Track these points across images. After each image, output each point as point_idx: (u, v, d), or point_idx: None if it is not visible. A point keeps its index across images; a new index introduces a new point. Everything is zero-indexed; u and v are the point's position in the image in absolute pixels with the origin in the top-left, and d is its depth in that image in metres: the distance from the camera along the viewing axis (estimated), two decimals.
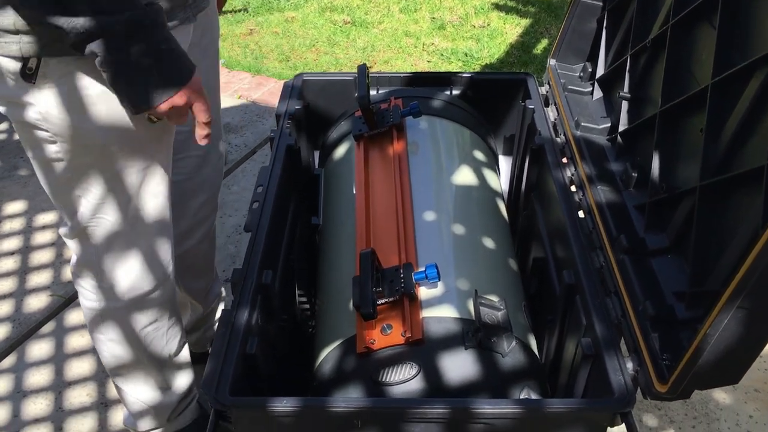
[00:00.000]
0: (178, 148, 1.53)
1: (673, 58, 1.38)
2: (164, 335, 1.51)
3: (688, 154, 1.30)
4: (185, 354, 1.62)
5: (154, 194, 1.33)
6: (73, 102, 1.15)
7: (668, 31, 1.39)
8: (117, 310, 1.43)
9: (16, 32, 1.08)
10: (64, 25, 1.00)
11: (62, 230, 1.37)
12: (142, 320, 1.45)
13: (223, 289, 1.97)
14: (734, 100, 1.15)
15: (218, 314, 1.93)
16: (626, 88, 1.57)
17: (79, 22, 1.00)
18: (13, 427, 1.90)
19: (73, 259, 1.41)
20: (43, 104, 1.15)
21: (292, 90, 1.82)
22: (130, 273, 1.38)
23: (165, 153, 1.32)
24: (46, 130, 1.18)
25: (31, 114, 1.16)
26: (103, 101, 1.17)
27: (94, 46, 1.04)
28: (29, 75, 1.12)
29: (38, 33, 1.08)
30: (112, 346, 1.49)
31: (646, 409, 1.90)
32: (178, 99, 1.14)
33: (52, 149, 1.21)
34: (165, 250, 1.41)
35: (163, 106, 1.13)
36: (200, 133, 1.23)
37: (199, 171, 1.60)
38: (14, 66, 1.11)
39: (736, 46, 1.19)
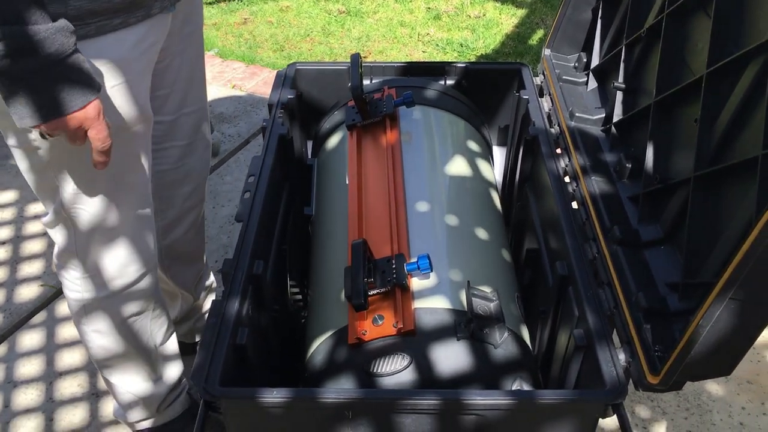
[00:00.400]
0: (162, 137, 1.51)
1: (668, 48, 1.37)
2: (150, 325, 1.50)
3: (682, 144, 1.29)
4: (173, 344, 1.62)
5: (134, 183, 1.32)
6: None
7: (663, 21, 1.38)
8: (101, 301, 1.42)
9: None
10: None
11: (44, 220, 1.36)
12: (127, 310, 1.44)
13: (214, 279, 1.96)
14: (729, 89, 1.14)
15: (209, 304, 1.92)
16: (621, 79, 1.56)
17: None
18: (3, 417, 1.89)
19: (56, 249, 1.40)
20: None
21: (284, 79, 1.81)
22: (113, 263, 1.37)
23: (145, 141, 1.31)
24: None
25: None
26: None
27: None
28: None
29: None
30: (98, 337, 1.48)
31: (639, 400, 1.90)
32: (65, 124, 1.06)
33: (30, 137, 1.20)
34: (148, 239, 1.40)
35: (46, 128, 1.06)
36: (95, 158, 1.15)
37: (184, 160, 1.59)
38: None
39: (731, 36, 1.18)
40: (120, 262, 1.38)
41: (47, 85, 1.02)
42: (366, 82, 1.86)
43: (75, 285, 1.41)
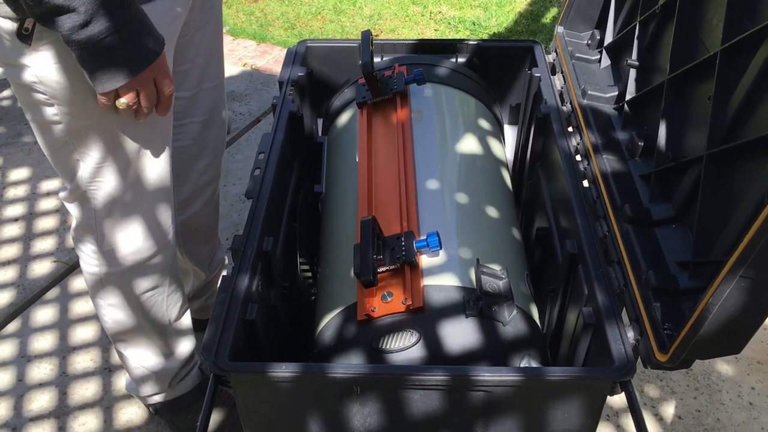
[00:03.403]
0: (182, 113, 1.51)
1: (682, 25, 1.36)
2: (165, 301, 1.51)
3: (695, 122, 1.28)
4: (187, 320, 1.63)
5: (154, 158, 1.32)
6: (69, 63, 1.13)
7: None
8: (118, 275, 1.43)
9: None
10: None
11: (62, 194, 1.37)
12: (142, 285, 1.45)
13: (226, 256, 1.97)
14: (744, 66, 1.12)
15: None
16: (634, 56, 1.54)
17: None
18: (17, 391, 1.92)
19: (74, 223, 1.41)
20: (39, 66, 1.13)
21: (295, 57, 1.80)
22: (130, 237, 1.38)
23: (165, 116, 1.31)
24: (43, 93, 1.17)
25: (28, 76, 1.15)
26: None
27: (54, 23, 1.02)
28: (25, 36, 1.10)
29: None
30: (113, 311, 1.49)
31: (648, 379, 1.90)
32: (142, 81, 1.12)
33: (50, 111, 1.20)
34: (166, 215, 1.41)
35: (127, 87, 1.12)
36: (163, 105, 1.22)
37: (202, 135, 1.59)
38: (11, 27, 1.10)
39: (746, 12, 1.17)
40: (137, 237, 1.39)
41: (128, 43, 1.07)
42: (377, 59, 1.85)
43: (92, 259, 1.43)
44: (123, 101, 1.15)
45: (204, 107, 1.56)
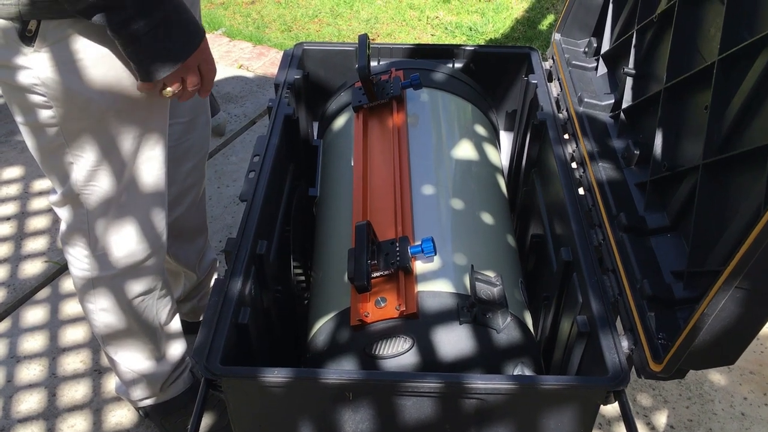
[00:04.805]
0: None
1: (679, 34, 1.36)
2: (155, 304, 1.50)
3: (691, 131, 1.28)
4: (177, 323, 1.62)
5: (150, 160, 1.31)
6: (72, 65, 1.13)
7: (676, 6, 1.37)
8: (109, 279, 1.41)
9: None
10: None
11: (52, 198, 1.35)
12: (134, 289, 1.44)
13: (216, 258, 1.96)
14: (740, 77, 1.12)
15: (212, 284, 1.93)
16: (631, 64, 1.54)
17: None
18: (6, 392, 1.90)
19: (63, 227, 1.39)
20: (41, 68, 1.12)
21: (291, 59, 1.80)
22: (124, 240, 1.37)
23: (161, 117, 1.30)
24: (42, 95, 1.16)
25: (27, 78, 1.14)
26: (102, 65, 1.15)
27: (99, 18, 1.04)
28: (29, 38, 1.10)
29: None
30: (103, 315, 1.48)
31: (641, 389, 1.90)
32: (187, 67, 1.16)
33: (46, 114, 1.19)
34: (160, 217, 1.40)
35: (173, 76, 1.16)
36: (206, 87, 1.26)
37: (185, 137, 1.58)
38: (12, 28, 1.09)
39: (744, 22, 1.17)
40: (130, 241, 1.37)
41: (173, 34, 1.12)
42: (373, 63, 1.85)
43: (82, 263, 1.41)
44: (169, 90, 1.19)
45: (187, 108, 1.55)
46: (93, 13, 1.04)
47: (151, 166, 1.32)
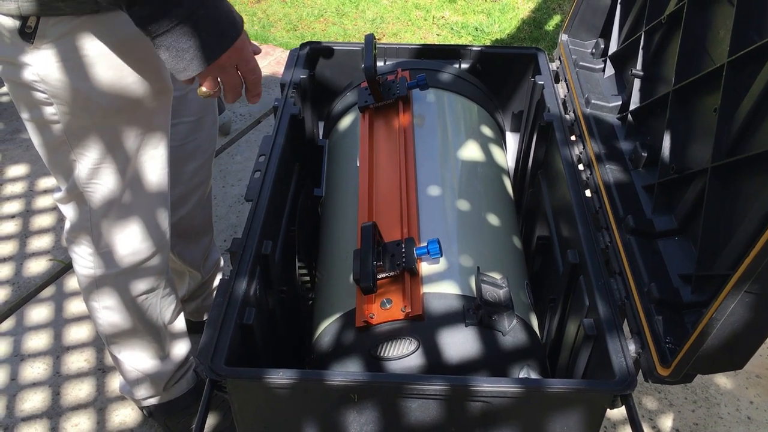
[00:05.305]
0: (172, 113, 1.50)
1: (688, 36, 1.35)
2: (159, 303, 1.50)
3: (700, 134, 1.27)
4: (181, 323, 1.62)
5: (152, 158, 1.31)
6: (72, 63, 1.13)
7: (685, 8, 1.36)
8: (113, 277, 1.41)
9: None
10: None
11: (56, 195, 1.35)
12: (138, 287, 1.44)
13: (222, 258, 1.95)
14: (750, 79, 1.11)
15: (216, 283, 1.92)
16: (639, 66, 1.53)
17: None
18: (10, 390, 1.90)
19: (67, 225, 1.39)
20: (41, 65, 1.12)
21: (297, 59, 1.79)
22: (128, 238, 1.37)
23: (164, 116, 1.30)
24: (43, 92, 1.16)
25: (28, 75, 1.14)
26: (103, 62, 1.14)
27: (126, 8, 1.00)
28: (28, 34, 1.09)
29: None
30: (107, 314, 1.48)
31: (646, 392, 1.89)
32: (221, 66, 1.09)
33: (49, 111, 1.19)
34: (163, 215, 1.40)
35: (204, 75, 1.09)
36: (253, 90, 1.17)
37: (192, 136, 1.58)
38: (13, 25, 1.09)
39: (754, 24, 1.16)
40: (134, 239, 1.37)
41: (201, 31, 1.03)
42: (379, 63, 1.84)
43: (86, 261, 1.41)
44: (204, 90, 1.12)
45: (194, 107, 1.55)
46: (118, 7, 1.00)
47: (154, 164, 1.32)
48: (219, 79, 1.12)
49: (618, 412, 1.82)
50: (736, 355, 1.01)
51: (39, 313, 2.11)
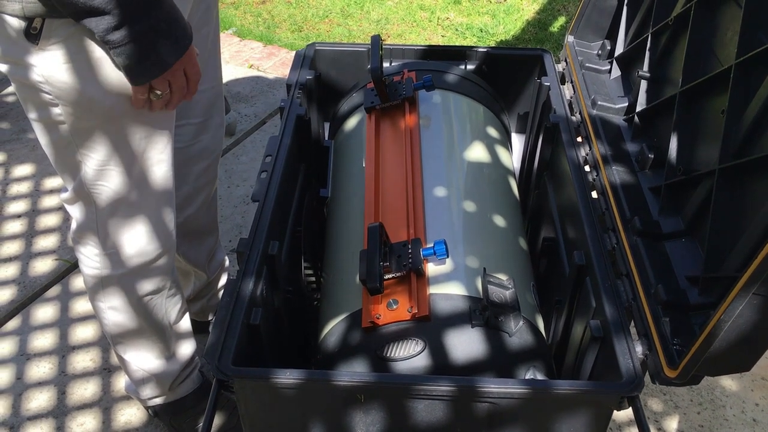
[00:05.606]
0: (178, 115, 1.51)
1: (695, 37, 1.35)
2: (165, 303, 1.50)
3: (707, 136, 1.27)
4: (186, 323, 1.62)
5: (158, 159, 1.31)
6: (77, 64, 1.13)
7: (692, 9, 1.36)
8: (119, 278, 1.41)
9: None
10: None
11: (63, 195, 1.36)
12: (144, 288, 1.44)
13: (227, 258, 1.96)
14: (758, 81, 1.11)
15: (222, 283, 1.93)
16: (646, 67, 1.53)
17: None
18: (16, 389, 1.90)
19: (74, 225, 1.40)
20: (46, 66, 1.12)
21: (303, 60, 1.79)
22: (133, 241, 1.37)
23: (168, 118, 1.30)
24: (48, 93, 1.16)
25: (34, 75, 1.14)
26: (105, 64, 1.15)
27: (87, 23, 1.04)
28: (33, 35, 1.10)
29: None
30: (113, 314, 1.48)
31: (652, 394, 1.89)
32: (173, 71, 1.16)
33: (54, 112, 1.19)
34: (169, 216, 1.40)
35: (161, 80, 1.16)
36: (192, 91, 1.26)
37: (198, 137, 1.58)
38: (18, 25, 1.09)
39: (762, 26, 1.16)
40: (140, 240, 1.37)
41: (160, 39, 1.11)
42: (385, 64, 1.84)
43: (93, 261, 1.41)
44: (158, 93, 1.19)
45: (200, 109, 1.55)
46: (81, 18, 1.05)
47: (159, 164, 1.32)
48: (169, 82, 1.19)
49: (624, 414, 1.82)
50: (744, 357, 1.01)
51: (45, 312, 2.11)
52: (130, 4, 1.04)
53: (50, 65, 1.13)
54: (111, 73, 1.16)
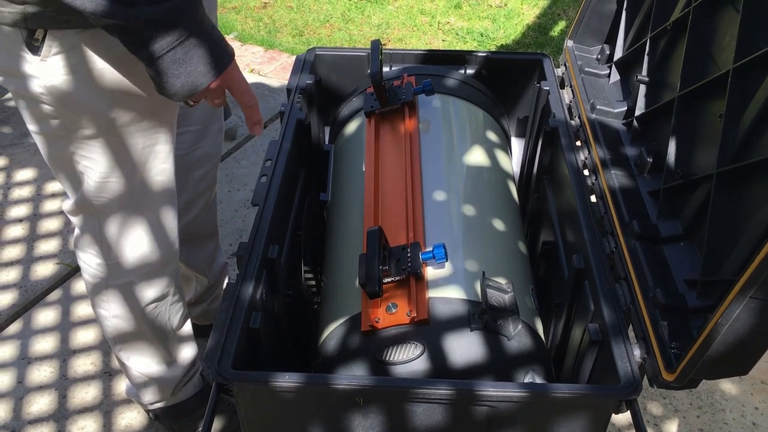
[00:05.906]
0: (178, 123, 1.51)
1: (694, 42, 1.35)
2: (168, 310, 1.50)
3: (705, 140, 1.27)
4: (188, 327, 1.62)
5: (160, 169, 1.31)
6: (79, 75, 1.13)
7: (690, 14, 1.36)
8: (122, 286, 1.42)
9: (22, 2, 1.05)
10: (86, 8, 0.95)
11: (66, 205, 1.36)
12: (147, 296, 1.44)
13: (228, 262, 1.96)
14: (756, 85, 1.12)
15: (222, 287, 1.93)
16: (644, 72, 1.54)
17: (99, 8, 0.95)
18: (17, 393, 1.91)
19: (77, 233, 1.40)
20: (48, 77, 1.12)
21: (304, 64, 1.80)
22: (138, 249, 1.37)
23: (170, 126, 1.31)
24: (49, 104, 1.16)
25: (35, 87, 1.14)
26: (108, 74, 1.14)
27: (118, 35, 1.01)
28: (35, 47, 1.09)
29: (45, 4, 1.05)
30: (116, 321, 1.48)
31: (651, 397, 1.89)
32: (210, 90, 1.11)
33: (55, 123, 1.19)
34: (171, 225, 1.40)
35: (197, 96, 1.11)
36: (251, 118, 1.21)
37: (198, 144, 1.59)
38: (20, 37, 1.09)
39: (759, 31, 1.16)
40: (143, 250, 1.38)
41: (198, 51, 1.04)
42: (385, 69, 1.85)
43: (95, 270, 1.42)
44: (191, 103, 1.15)
45: (199, 116, 1.55)
46: (111, 32, 1.01)
47: (161, 173, 1.33)
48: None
49: (623, 418, 1.82)
50: (742, 360, 1.01)
51: (46, 316, 2.12)
52: (156, 21, 0.99)
53: (52, 76, 1.12)
54: (113, 83, 1.16)
